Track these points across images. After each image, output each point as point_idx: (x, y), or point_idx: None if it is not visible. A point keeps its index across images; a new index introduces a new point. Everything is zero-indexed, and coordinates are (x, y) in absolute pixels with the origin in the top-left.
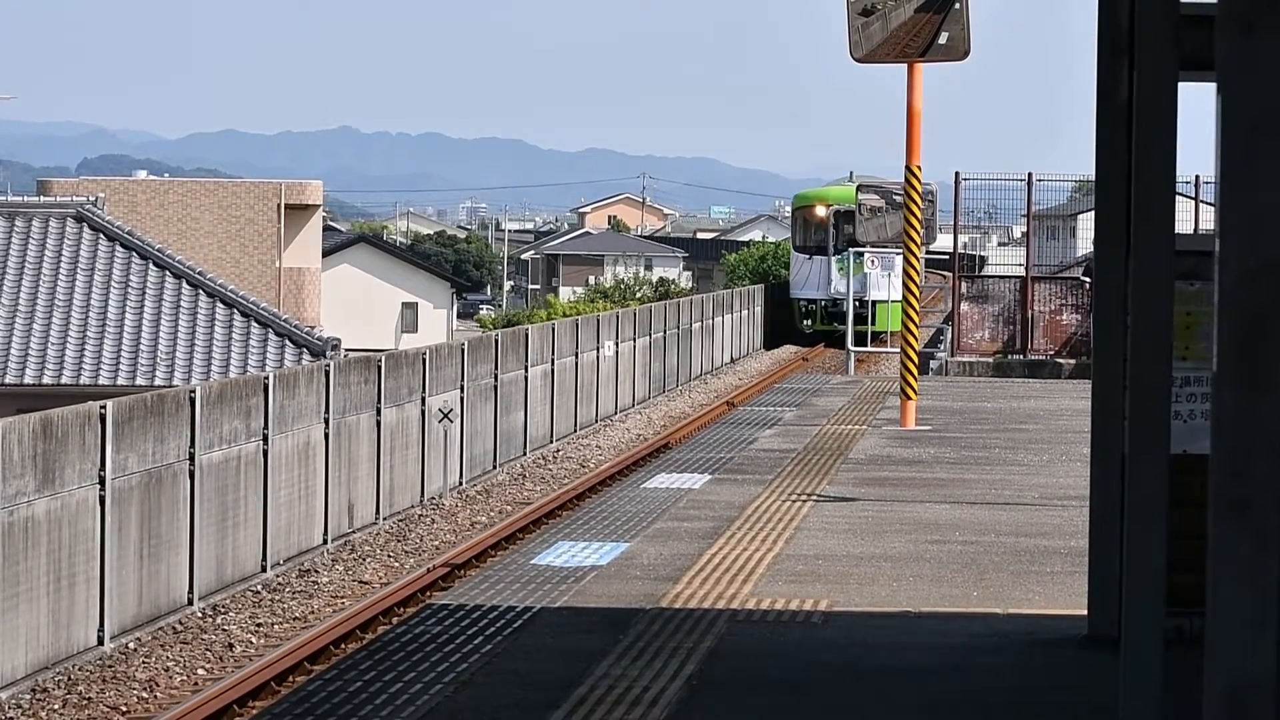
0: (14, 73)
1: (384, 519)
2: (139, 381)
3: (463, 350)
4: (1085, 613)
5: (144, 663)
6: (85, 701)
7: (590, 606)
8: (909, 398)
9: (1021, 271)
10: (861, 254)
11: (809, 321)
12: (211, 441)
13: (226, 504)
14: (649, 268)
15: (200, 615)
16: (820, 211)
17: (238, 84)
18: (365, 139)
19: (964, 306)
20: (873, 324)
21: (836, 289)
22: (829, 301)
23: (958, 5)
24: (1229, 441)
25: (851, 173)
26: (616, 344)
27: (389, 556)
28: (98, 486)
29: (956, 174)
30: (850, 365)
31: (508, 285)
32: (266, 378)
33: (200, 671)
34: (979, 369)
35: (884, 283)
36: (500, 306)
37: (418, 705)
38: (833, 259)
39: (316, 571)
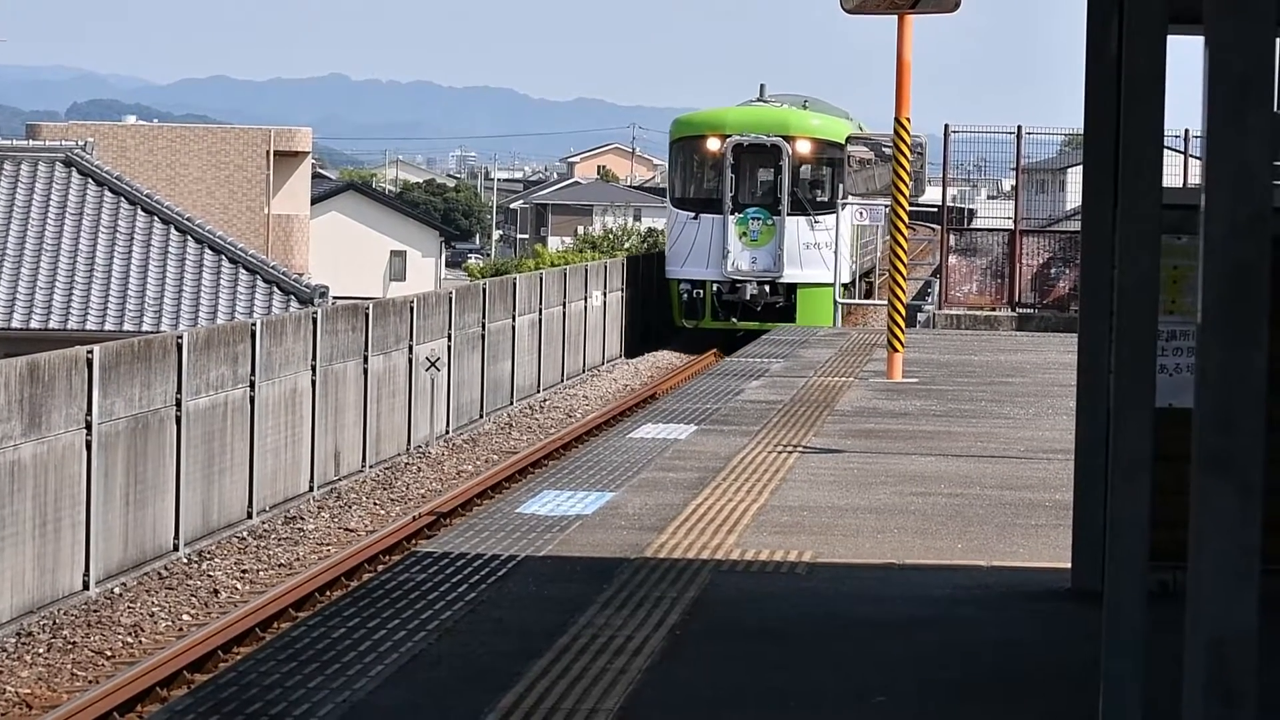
0: (3, 16)
1: (370, 467)
2: (126, 327)
3: (450, 299)
4: (1069, 566)
5: (129, 608)
6: (70, 646)
7: (575, 556)
8: (896, 350)
9: (1010, 225)
10: (764, 212)
11: (692, 318)
12: (198, 388)
13: (213, 450)
14: (638, 218)
15: (186, 561)
16: (713, 145)
17: (229, 30)
18: (355, 87)
19: (952, 259)
20: (793, 318)
21: (737, 265)
22: (726, 285)
23: None
24: (1213, 395)
25: (763, 87)
26: (604, 294)
27: (375, 504)
28: (84, 431)
29: (946, 126)
30: (838, 317)
31: (496, 234)
32: (254, 324)
33: (185, 617)
34: (966, 322)
35: (808, 256)
36: (489, 256)
37: (401, 652)
38: (732, 219)
39: (302, 519)
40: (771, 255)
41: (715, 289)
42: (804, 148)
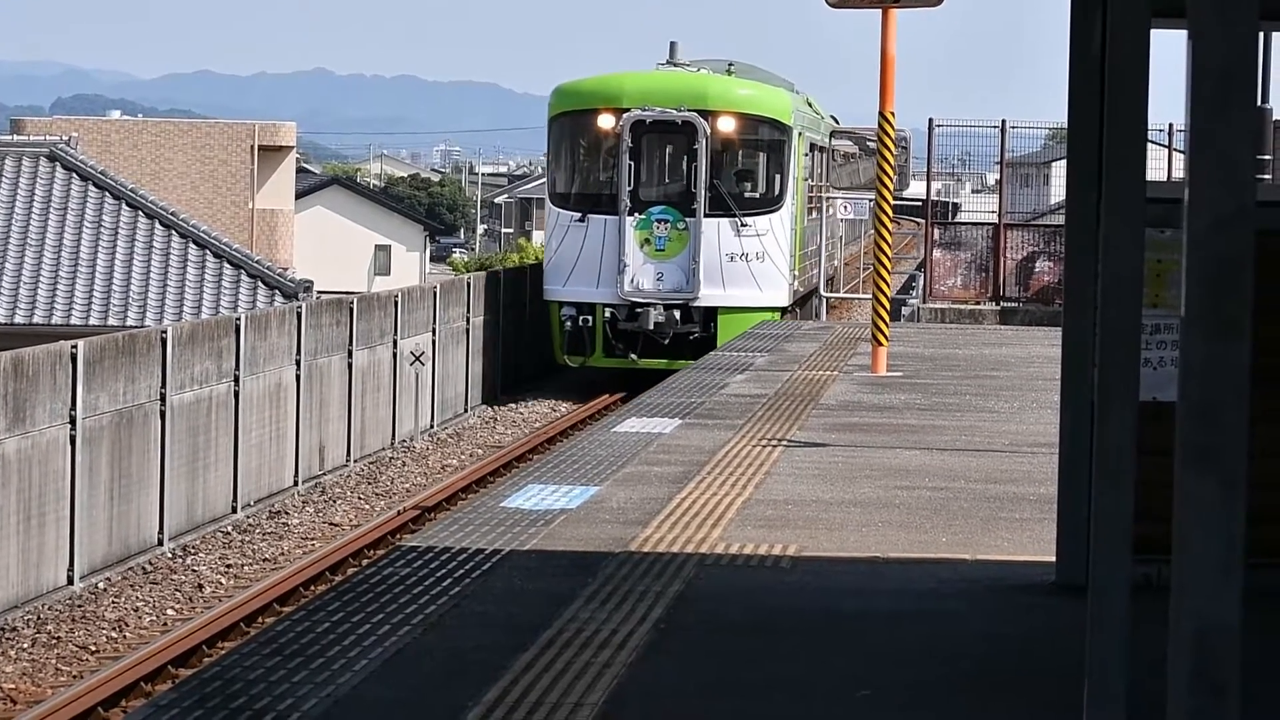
0: None
1: (355, 461)
2: (111, 322)
3: (435, 293)
4: (1053, 559)
5: (113, 602)
6: (54, 641)
7: (559, 550)
8: (880, 344)
9: (994, 219)
10: (673, 213)
11: (577, 354)
12: (183, 382)
13: (197, 445)
14: None
15: (170, 556)
16: (606, 122)
17: (214, 25)
18: (340, 81)
19: (936, 253)
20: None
21: (637, 283)
22: (622, 309)
23: None
24: (1197, 388)
25: (674, 46)
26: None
27: (359, 499)
28: (68, 426)
29: (930, 120)
30: (822, 311)
31: (481, 229)
32: (238, 319)
33: (170, 612)
34: (950, 315)
35: (733, 271)
36: (473, 250)
37: (386, 647)
38: (630, 222)
39: (287, 513)
40: (683, 270)
41: (608, 315)
42: (727, 125)
